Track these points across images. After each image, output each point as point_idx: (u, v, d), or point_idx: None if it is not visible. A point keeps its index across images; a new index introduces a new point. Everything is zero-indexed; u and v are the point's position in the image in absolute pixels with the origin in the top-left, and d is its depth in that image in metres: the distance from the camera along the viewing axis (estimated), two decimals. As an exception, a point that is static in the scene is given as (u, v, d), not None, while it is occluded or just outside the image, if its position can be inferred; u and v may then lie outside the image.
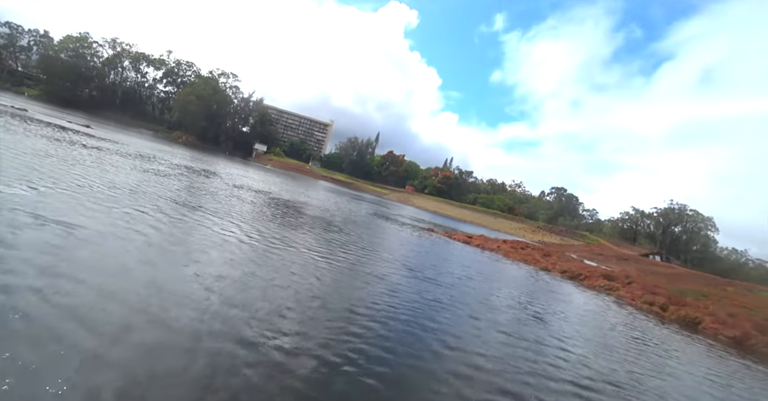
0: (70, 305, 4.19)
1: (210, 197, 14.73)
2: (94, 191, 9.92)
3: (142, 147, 31.83)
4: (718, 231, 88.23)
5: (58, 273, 4.82)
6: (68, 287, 4.55)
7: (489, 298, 10.72)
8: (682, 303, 16.73)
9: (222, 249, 8.09)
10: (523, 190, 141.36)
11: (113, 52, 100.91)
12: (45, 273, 4.73)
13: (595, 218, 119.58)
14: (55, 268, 4.94)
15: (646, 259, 56.93)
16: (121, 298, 4.65)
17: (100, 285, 4.81)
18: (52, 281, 4.56)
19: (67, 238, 6.15)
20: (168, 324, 4.38)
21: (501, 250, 25.48)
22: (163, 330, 4.23)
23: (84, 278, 4.90)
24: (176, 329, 4.32)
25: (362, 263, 10.71)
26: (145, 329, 4.15)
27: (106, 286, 4.84)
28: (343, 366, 4.57)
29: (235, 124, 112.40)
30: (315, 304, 6.34)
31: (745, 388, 8.31)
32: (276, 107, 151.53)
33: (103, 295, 4.59)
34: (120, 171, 14.56)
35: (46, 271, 4.80)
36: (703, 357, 10.48)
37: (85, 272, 5.12)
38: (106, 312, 4.25)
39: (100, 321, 4.04)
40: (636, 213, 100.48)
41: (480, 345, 6.64)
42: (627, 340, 9.95)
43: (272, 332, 4.89)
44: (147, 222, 8.41)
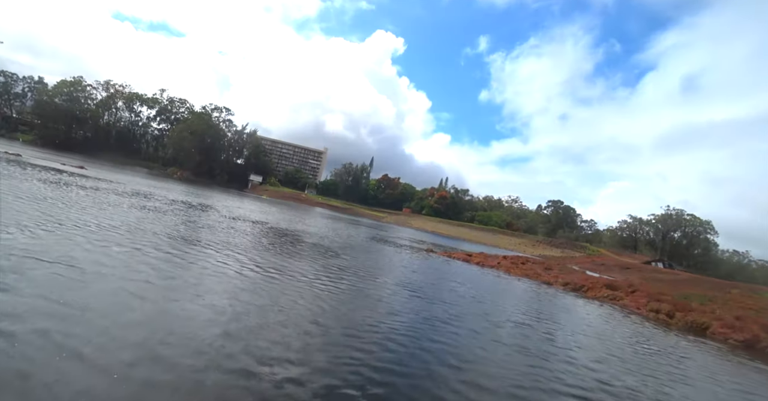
0: (76, 346, 4.20)
1: (208, 231, 14.75)
2: (93, 231, 9.95)
3: (138, 185, 31.98)
4: (717, 234, 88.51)
5: (64, 315, 4.85)
6: (73, 328, 4.57)
7: (491, 314, 10.64)
8: (688, 309, 16.61)
9: (222, 282, 8.07)
10: (519, 205, 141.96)
11: (107, 94, 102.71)
12: (51, 316, 4.77)
13: (594, 228, 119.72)
14: (60, 309, 4.98)
15: (649, 266, 56.67)
16: (126, 337, 4.63)
17: (104, 325, 4.79)
18: (58, 323, 4.57)
19: (70, 279, 6.17)
20: (173, 359, 4.36)
21: (501, 266, 25.38)
22: (169, 366, 4.21)
23: (89, 318, 4.90)
24: (182, 363, 4.29)
25: (362, 287, 10.67)
26: (152, 365, 4.13)
27: (111, 326, 4.82)
28: (348, 389, 4.52)
29: (229, 156, 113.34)
30: (316, 331, 6.30)
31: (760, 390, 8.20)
32: (270, 138, 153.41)
33: (107, 335, 4.57)
34: (118, 210, 14.61)
35: (52, 313, 4.85)
36: (715, 362, 10.35)
37: (89, 312, 5.13)
38: (111, 351, 4.23)
39: (106, 361, 4.02)
40: (634, 221, 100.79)
41: (485, 361, 6.58)
42: (637, 350, 9.84)
43: (276, 361, 4.86)
44: (147, 260, 8.42)
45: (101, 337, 4.51)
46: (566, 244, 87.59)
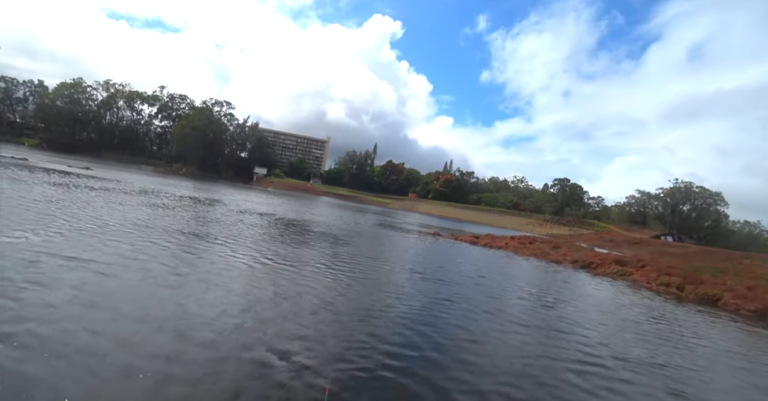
0: (114, 331, 4.39)
1: (217, 225, 14.92)
2: (108, 230, 10.12)
3: (145, 183, 32.26)
4: (728, 205, 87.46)
5: (96, 305, 5.13)
6: (107, 317, 4.78)
7: (499, 294, 10.75)
8: (699, 281, 16.62)
9: (236, 273, 8.22)
10: (525, 185, 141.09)
11: (107, 94, 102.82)
12: (85, 307, 5.05)
13: (602, 205, 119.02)
14: (92, 302, 5.25)
15: (658, 241, 56.45)
16: (151, 324, 4.79)
17: (135, 315, 4.95)
18: (91, 313, 4.76)
19: (95, 275, 6.44)
20: (196, 343, 4.50)
21: (509, 247, 25.45)
22: (193, 349, 4.35)
23: (119, 309, 5.09)
24: (210, 345, 4.43)
25: (371, 272, 10.80)
26: (178, 348, 4.27)
27: (143, 317, 4.99)
28: (363, 366, 4.66)
29: (233, 150, 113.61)
30: (330, 315, 6.43)
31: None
32: (272, 130, 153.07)
33: (135, 322, 4.73)
34: (129, 209, 14.80)
35: (86, 305, 5.13)
36: (724, 331, 10.41)
37: (118, 304, 5.38)
38: (147, 337, 4.38)
39: (144, 346, 4.17)
40: (642, 196, 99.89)
41: (495, 338, 6.68)
42: (647, 322, 9.91)
43: (292, 343, 4.98)
44: (163, 255, 8.58)
45: (130, 325, 4.67)
46: (574, 222, 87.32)
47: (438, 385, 4.69)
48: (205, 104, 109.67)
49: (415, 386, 4.58)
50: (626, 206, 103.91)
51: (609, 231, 74.44)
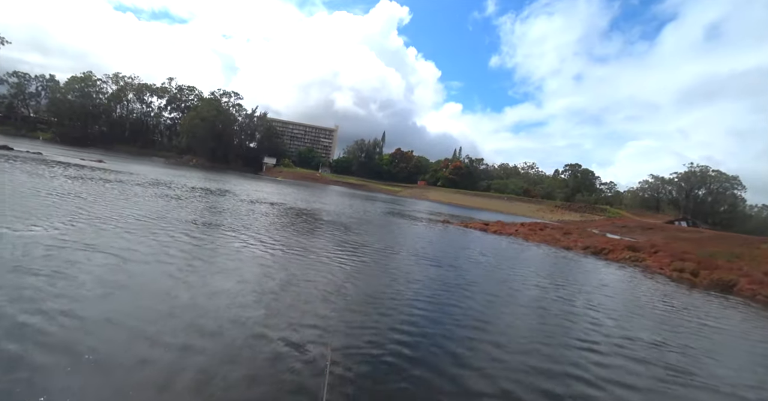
0: (131, 318, 4.52)
1: (229, 215, 15.08)
2: (125, 221, 10.29)
3: (157, 175, 32.65)
4: (745, 189, 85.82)
5: (113, 293, 5.21)
6: (125, 304, 4.87)
7: (509, 279, 10.73)
8: (714, 267, 16.38)
9: (248, 261, 8.32)
10: (536, 171, 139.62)
11: (117, 87, 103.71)
12: (106, 297, 5.15)
13: (614, 190, 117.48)
14: (109, 290, 5.38)
15: (672, 226, 55.67)
16: (169, 310, 4.91)
17: (151, 302, 5.07)
18: (109, 299, 4.86)
19: (119, 265, 6.64)
20: (212, 329, 4.60)
21: (519, 233, 25.32)
22: (209, 334, 4.45)
23: (136, 296, 5.24)
24: (219, 332, 4.52)
25: (381, 260, 10.86)
26: (195, 332, 4.37)
27: (156, 301, 5.11)
28: (373, 351, 4.72)
29: (242, 141, 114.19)
30: (341, 301, 6.49)
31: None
32: (280, 119, 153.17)
33: (154, 308, 4.85)
34: (143, 200, 15.02)
35: (103, 293, 5.25)
36: (739, 317, 10.29)
37: (135, 291, 5.53)
38: (162, 323, 4.49)
39: (159, 331, 4.28)
40: (655, 181, 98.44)
41: (505, 322, 6.69)
42: (659, 307, 9.84)
43: (305, 328, 5.06)
44: (178, 245, 8.71)
45: (150, 310, 4.78)
46: (585, 208, 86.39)
47: (447, 368, 4.72)
48: (213, 94, 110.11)
49: (423, 368, 4.64)
50: (639, 192, 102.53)
51: (621, 217, 73.60)
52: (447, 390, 4.30)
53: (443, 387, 4.36)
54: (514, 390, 4.43)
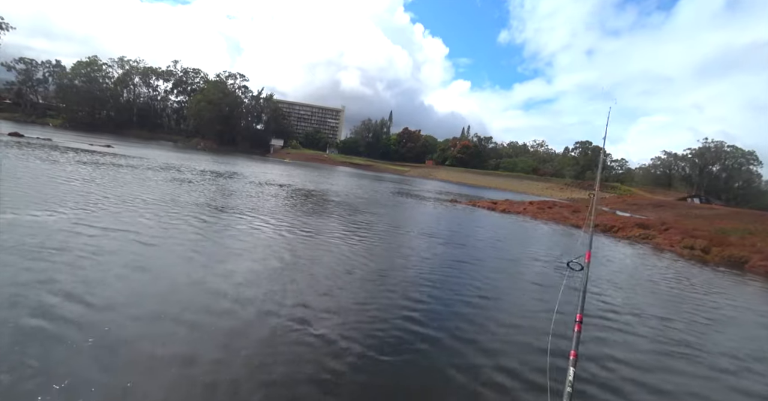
0: (146, 297, 4.65)
1: (240, 197, 15.22)
2: (139, 205, 10.46)
3: (167, 159, 32.89)
4: (761, 164, 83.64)
5: (128, 274, 5.37)
6: (141, 284, 5.03)
7: (516, 256, 10.76)
8: (726, 244, 16.23)
9: (261, 242, 8.45)
10: (546, 149, 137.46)
11: (122, 71, 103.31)
12: (130, 276, 5.30)
13: (625, 167, 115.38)
14: (141, 268, 5.58)
15: (684, 203, 55.02)
16: (186, 288, 5.06)
17: (166, 284, 5.21)
18: (125, 280, 5.02)
19: (137, 247, 6.81)
20: (228, 308, 4.73)
21: (527, 212, 25.22)
22: (222, 311, 4.59)
23: (152, 276, 5.39)
24: (234, 311, 4.65)
25: (390, 238, 10.95)
26: (214, 315, 4.51)
27: (173, 280, 5.26)
28: (384, 321, 4.85)
29: (249, 123, 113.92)
30: (351, 278, 6.61)
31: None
32: (286, 101, 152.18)
33: (170, 287, 5.00)
34: (154, 184, 15.20)
35: (137, 270, 5.50)
36: (747, 292, 10.24)
37: (151, 271, 5.71)
38: (177, 302, 4.63)
39: (174, 311, 4.43)
40: (668, 157, 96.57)
41: (510, 297, 6.76)
42: (667, 282, 9.82)
43: (318, 304, 5.18)
44: (193, 228, 8.87)
45: (161, 294, 4.93)
46: (595, 186, 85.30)
47: (449, 342, 4.83)
48: (218, 77, 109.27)
49: (432, 341, 4.76)
50: (651, 168, 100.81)
51: (632, 194, 72.77)
52: (449, 362, 4.43)
53: (446, 359, 4.49)
54: (509, 364, 4.52)
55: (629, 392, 4.26)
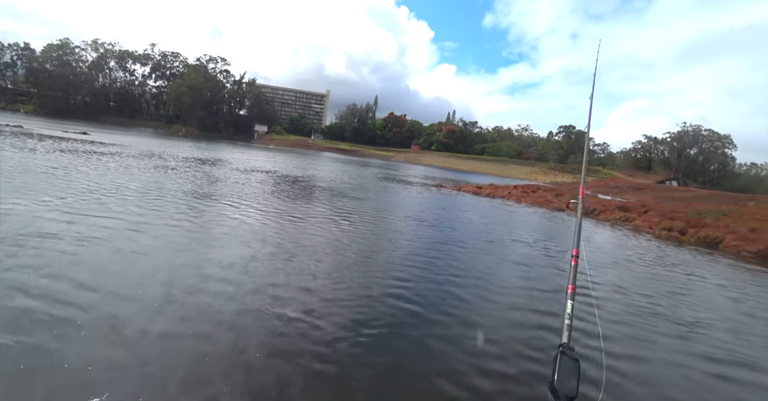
0: (126, 288, 4.63)
1: (224, 184, 15.05)
2: (124, 193, 10.26)
3: (148, 146, 32.12)
4: (736, 148, 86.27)
5: (114, 261, 5.27)
6: (123, 275, 4.99)
7: (500, 238, 10.96)
8: (702, 225, 16.78)
9: (247, 229, 8.41)
10: (530, 133, 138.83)
11: (97, 55, 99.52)
12: (127, 257, 5.19)
13: (607, 151, 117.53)
14: (132, 252, 5.41)
15: (663, 186, 56.44)
16: (168, 277, 5.05)
17: (148, 272, 5.19)
18: (107, 270, 4.97)
19: (128, 233, 6.55)
20: (215, 292, 4.75)
21: (512, 196, 25.58)
22: (208, 298, 4.61)
23: (136, 266, 5.31)
24: (219, 295, 4.69)
25: (376, 223, 11.02)
26: (199, 301, 4.53)
27: (157, 267, 5.24)
28: (372, 299, 4.97)
29: (231, 108, 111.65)
30: (338, 261, 6.66)
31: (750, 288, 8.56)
32: (270, 85, 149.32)
33: (152, 276, 4.98)
34: (139, 172, 14.88)
35: (127, 255, 5.28)
36: (721, 270, 10.68)
37: (134, 260, 5.54)
38: (160, 291, 4.64)
39: (158, 299, 4.44)
40: (648, 141, 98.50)
41: (493, 277, 6.95)
42: (642, 261, 10.18)
43: (305, 286, 5.25)
44: (177, 216, 8.75)
45: (143, 284, 4.91)
46: (578, 169, 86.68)
47: (437, 311, 5.01)
48: (199, 61, 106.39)
49: (416, 314, 4.95)
50: (632, 152, 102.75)
51: (613, 178, 74.23)
52: (435, 334, 4.67)
53: (432, 333, 4.70)
54: (492, 336, 4.71)
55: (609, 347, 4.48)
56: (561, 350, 1.29)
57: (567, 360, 1.24)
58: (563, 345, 1.35)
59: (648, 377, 4.28)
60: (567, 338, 1.43)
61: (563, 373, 1.20)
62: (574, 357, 1.27)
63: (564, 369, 1.21)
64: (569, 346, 1.36)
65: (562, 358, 1.25)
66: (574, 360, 1.25)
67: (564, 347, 1.34)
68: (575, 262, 1.92)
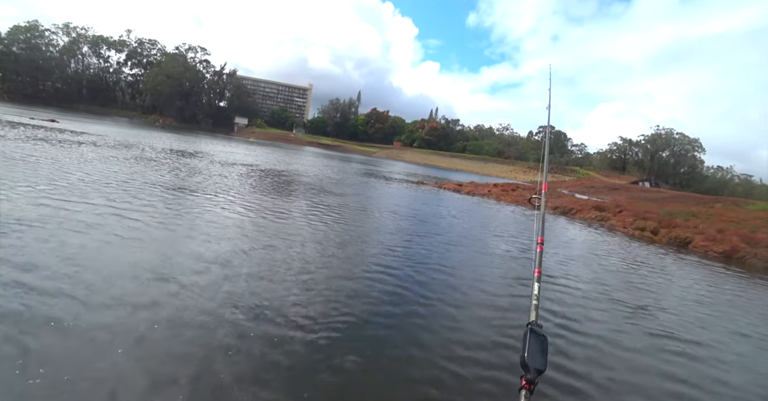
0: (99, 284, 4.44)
1: (203, 178, 14.70)
2: (101, 186, 9.88)
3: (124, 136, 31.10)
4: (704, 151, 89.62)
5: (88, 257, 5.05)
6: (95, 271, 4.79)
7: (480, 236, 11.10)
8: (673, 225, 17.35)
9: (225, 225, 8.23)
10: (511, 132, 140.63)
11: (69, 39, 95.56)
12: (71, 260, 4.96)
13: (584, 152, 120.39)
14: (82, 253, 5.20)
15: (636, 186, 58.12)
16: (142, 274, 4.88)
17: (123, 268, 5.01)
18: (78, 266, 4.77)
19: (86, 229, 6.30)
20: (190, 290, 4.63)
21: (492, 194, 25.91)
22: (182, 295, 4.48)
23: (109, 262, 5.10)
24: (193, 295, 4.57)
25: (356, 219, 10.99)
26: (173, 298, 4.40)
27: (131, 270, 5.05)
28: (354, 289, 4.94)
29: (211, 99, 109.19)
30: (320, 257, 6.61)
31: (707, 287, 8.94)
32: (251, 77, 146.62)
33: (128, 278, 4.81)
34: (112, 163, 14.37)
35: (73, 258, 5.05)
36: (686, 269, 11.08)
37: (107, 257, 5.34)
38: (133, 289, 4.49)
39: (130, 296, 4.28)
40: (624, 143, 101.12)
41: (470, 273, 7.03)
42: (614, 259, 10.47)
43: (288, 286, 5.18)
44: (152, 209, 8.48)
45: (116, 280, 4.74)
46: (557, 169, 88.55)
47: (415, 308, 5.04)
48: (178, 49, 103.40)
49: (396, 301, 5.01)
50: (608, 153, 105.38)
51: (590, 178, 76.07)
52: (411, 322, 4.83)
53: (411, 321, 4.85)
54: (465, 326, 4.78)
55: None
56: (530, 327, 1.38)
57: (535, 337, 1.33)
58: (531, 323, 1.44)
59: (599, 349, 4.90)
60: (535, 316, 1.52)
61: (532, 348, 1.29)
62: (541, 334, 1.35)
63: (533, 344, 1.30)
64: (537, 323, 1.44)
65: (531, 335, 1.33)
66: (542, 336, 1.34)
67: (532, 324, 1.42)
68: (540, 248, 2.10)
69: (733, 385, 4.48)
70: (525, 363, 1.25)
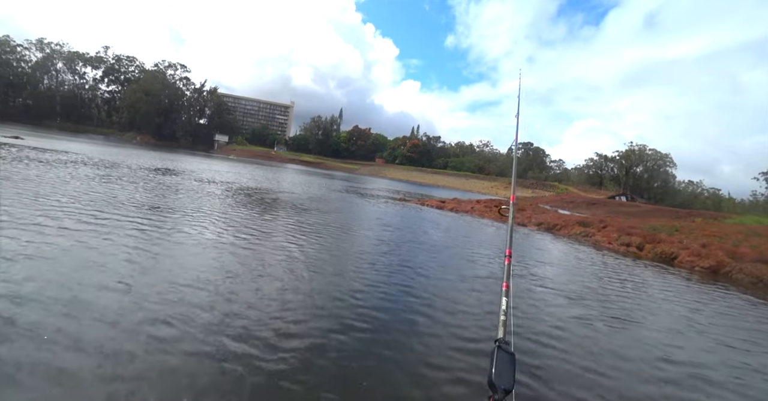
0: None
1: (182, 196, 13.99)
2: (72, 206, 9.14)
3: (99, 154, 29.98)
4: (676, 166, 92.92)
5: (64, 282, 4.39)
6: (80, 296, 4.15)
7: (465, 255, 10.71)
8: (657, 240, 17.38)
9: (203, 246, 7.64)
10: (491, 149, 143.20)
11: (42, 55, 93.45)
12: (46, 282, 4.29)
13: (563, 167, 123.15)
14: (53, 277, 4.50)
15: (613, 201, 59.31)
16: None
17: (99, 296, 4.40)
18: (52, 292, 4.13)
19: (75, 253, 5.62)
20: (167, 315, 4.07)
21: (475, 210, 25.76)
22: (158, 321, 3.92)
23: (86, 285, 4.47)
24: (173, 320, 4.01)
25: (339, 237, 10.53)
26: (149, 324, 3.83)
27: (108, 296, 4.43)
28: (337, 302, 4.43)
29: (191, 117, 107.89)
30: (303, 271, 6.11)
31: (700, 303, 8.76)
32: (232, 95, 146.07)
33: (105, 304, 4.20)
34: (81, 182, 13.53)
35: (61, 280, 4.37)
36: (674, 285, 10.93)
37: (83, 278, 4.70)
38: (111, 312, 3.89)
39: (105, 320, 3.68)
40: (600, 158, 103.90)
41: (455, 291, 6.63)
42: (602, 278, 10.23)
43: (265, 311, 4.65)
44: (127, 230, 7.82)
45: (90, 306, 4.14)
46: (537, 184, 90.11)
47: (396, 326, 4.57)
48: (157, 66, 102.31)
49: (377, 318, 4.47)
50: (585, 169, 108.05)
51: (569, 192, 77.44)
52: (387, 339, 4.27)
53: (391, 337, 4.35)
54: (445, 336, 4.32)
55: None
56: (497, 345, 1.35)
57: (503, 354, 1.29)
58: (499, 340, 1.41)
59: (574, 367, 4.68)
60: (503, 333, 1.49)
61: (500, 367, 1.25)
62: (509, 351, 1.32)
63: (500, 363, 1.26)
64: (505, 340, 1.42)
65: (498, 353, 1.30)
66: (510, 354, 1.31)
67: (500, 342, 1.39)
68: (508, 261, 1.99)
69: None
70: (492, 383, 1.22)
